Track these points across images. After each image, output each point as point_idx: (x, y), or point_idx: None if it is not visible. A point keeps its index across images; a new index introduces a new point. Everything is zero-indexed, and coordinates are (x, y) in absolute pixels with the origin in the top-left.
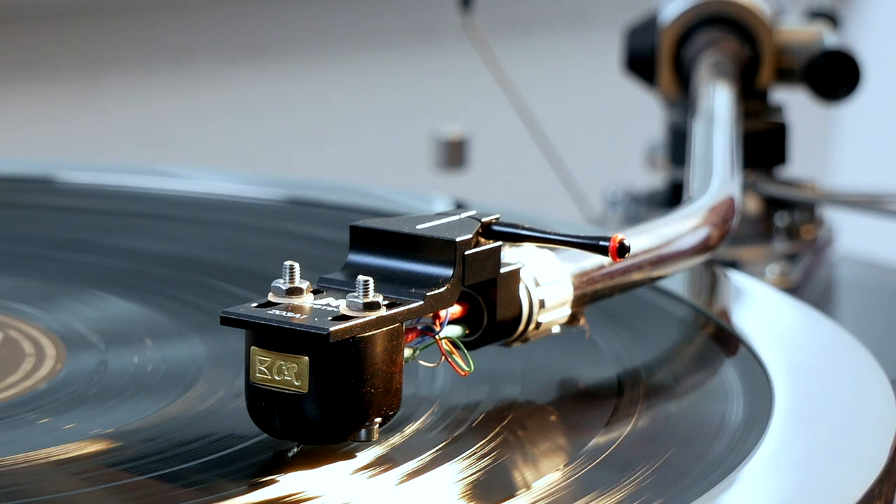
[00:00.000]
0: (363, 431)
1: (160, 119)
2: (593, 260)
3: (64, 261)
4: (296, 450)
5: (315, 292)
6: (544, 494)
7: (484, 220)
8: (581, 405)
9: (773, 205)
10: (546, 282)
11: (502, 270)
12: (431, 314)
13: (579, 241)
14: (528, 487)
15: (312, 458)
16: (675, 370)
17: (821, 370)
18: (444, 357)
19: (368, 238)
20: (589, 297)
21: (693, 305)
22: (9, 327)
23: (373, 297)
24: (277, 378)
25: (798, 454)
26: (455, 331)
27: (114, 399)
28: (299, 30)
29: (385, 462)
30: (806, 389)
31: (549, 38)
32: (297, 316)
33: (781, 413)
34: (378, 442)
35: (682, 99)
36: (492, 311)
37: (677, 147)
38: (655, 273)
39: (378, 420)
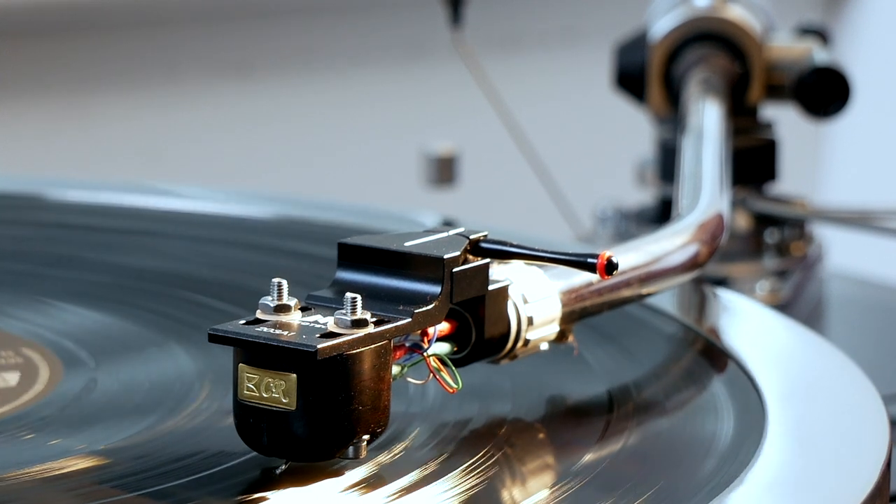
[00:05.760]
0: (351, 449)
1: (150, 135)
2: (582, 277)
3: (53, 277)
4: (284, 467)
5: (303, 309)
6: None
7: (472, 237)
8: (571, 423)
9: (763, 221)
10: (534, 299)
11: (490, 287)
12: (419, 331)
13: (567, 258)
14: None
15: (301, 475)
16: (665, 388)
17: (811, 387)
18: (432, 374)
19: (356, 255)
20: (577, 314)
21: (683, 322)
22: None
23: (361, 314)
24: (265, 395)
25: (789, 472)
26: (443, 348)
27: (103, 416)
28: (289, 46)
29: (374, 480)
30: (797, 407)
31: (539, 54)
32: (285, 333)
33: (772, 431)
34: (367, 460)
35: (672, 115)
36: (480, 328)
37: (667, 163)
38: (644, 290)
39: (366, 437)
